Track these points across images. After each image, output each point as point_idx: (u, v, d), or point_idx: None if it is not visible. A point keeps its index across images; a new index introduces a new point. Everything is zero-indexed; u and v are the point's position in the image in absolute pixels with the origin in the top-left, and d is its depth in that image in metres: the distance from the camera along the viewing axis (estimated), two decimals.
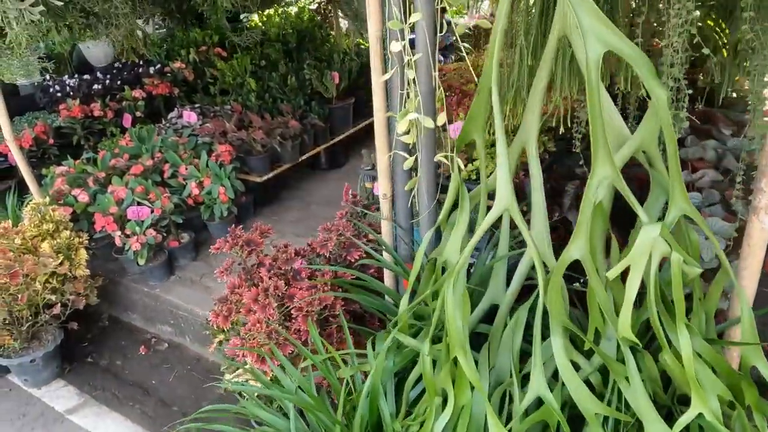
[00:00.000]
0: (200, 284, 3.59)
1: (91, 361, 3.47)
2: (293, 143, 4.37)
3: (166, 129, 4.63)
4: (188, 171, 3.89)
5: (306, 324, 2.00)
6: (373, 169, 3.95)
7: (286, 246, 2.25)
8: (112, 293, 3.76)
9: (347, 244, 2.23)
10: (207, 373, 3.27)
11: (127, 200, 3.66)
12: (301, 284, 2.16)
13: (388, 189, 1.99)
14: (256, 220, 4.29)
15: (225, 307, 2.17)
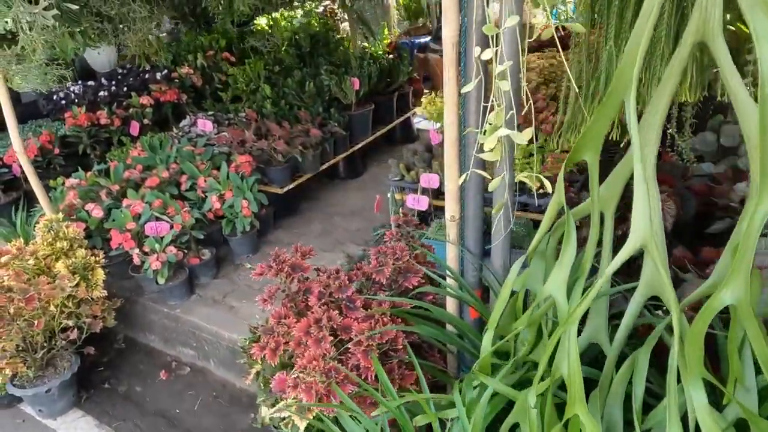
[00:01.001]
0: (224, 304, 3.39)
1: (108, 387, 3.26)
2: (314, 152, 4.17)
3: (179, 138, 4.43)
4: (208, 183, 3.68)
5: (367, 360, 1.80)
6: (402, 180, 3.77)
7: (338, 271, 2.06)
8: (129, 313, 3.54)
9: (404, 269, 2.04)
10: (234, 400, 3.06)
11: (145, 215, 3.46)
12: (355, 314, 1.97)
13: (456, 211, 1.81)
14: (277, 233, 4.10)
15: (272, 339, 1.98)
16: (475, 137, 1.69)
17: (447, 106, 1.67)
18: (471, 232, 1.84)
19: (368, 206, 4.34)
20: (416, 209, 3.37)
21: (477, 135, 1.68)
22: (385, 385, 1.71)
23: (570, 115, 1.82)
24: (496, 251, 1.77)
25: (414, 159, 3.83)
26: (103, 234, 3.59)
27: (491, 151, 1.53)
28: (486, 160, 1.63)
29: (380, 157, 5.33)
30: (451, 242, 1.88)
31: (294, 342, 1.97)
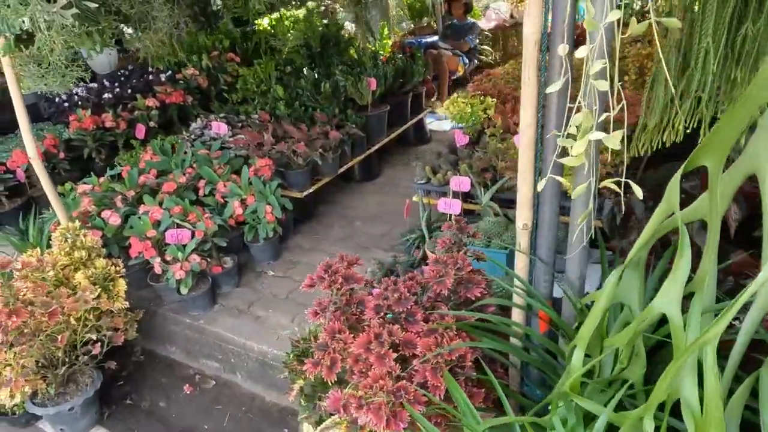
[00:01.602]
0: (249, 314, 3.26)
1: (130, 403, 3.12)
2: (333, 155, 4.06)
3: (192, 141, 4.29)
4: (228, 188, 3.55)
5: (435, 378, 1.69)
6: (428, 183, 3.66)
7: (396, 282, 1.95)
8: (147, 324, 3.40)
9: (465, 279, 1.94)
10: (265, 415, 2.94)
11: (165, 222, 3.32)
12: (416, 327, 1.86)
13: (529, 218, 1.71)
14: (297, 239, 3.97)
15: (327, 356, 1.86)
16: (554, 140, 1.59)
17: (525, 107, 1.57)
18: (544, 240, 1.74)
19: (389, 210, 4.23)
20: (448, 213, 3.27)
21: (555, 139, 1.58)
22: (465, 407, 1.60)
23: (657, 117, 1.72)
24: (573, 261, 1.67)
25: (439, 161, 3.72)
26: (120, 242, 3.44)
27: (575, 156, 1.42)
28: (562, 164, 1.53)
29: (395, 159, 5.23)
30: (521, 251, 1.77)
31: (351, 358, 1.85)
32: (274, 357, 2.95)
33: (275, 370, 2.96)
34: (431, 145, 5.46)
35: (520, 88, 4.21)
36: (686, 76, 1.61)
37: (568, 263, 1.69)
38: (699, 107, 1.62)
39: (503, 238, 2.98)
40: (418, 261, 3.20)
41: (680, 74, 1.64)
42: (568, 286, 1.72)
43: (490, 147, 3.59)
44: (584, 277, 1.71)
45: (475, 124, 3.95)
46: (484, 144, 3.79)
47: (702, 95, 1.58)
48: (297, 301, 3.30)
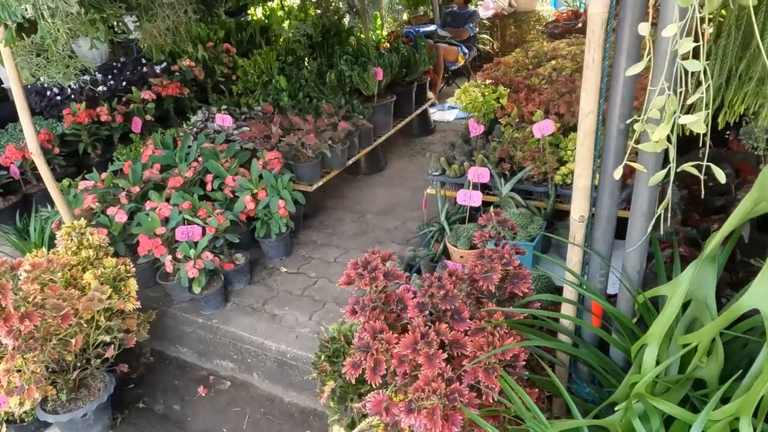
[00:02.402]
0: (264, 312, 3.15)
1: (143, 406, 3.00)
2: (342, 147, 3.95)
3: (195, 134, 4.15)
4: (238, 182, 3.43)
5: (490, 379, 1.61)
6: (443, 175, 3.57)
7: (440, 278, 1.86)
8: (157, 324, 3.28)
9: (511, 274, 1.86)
10: (286, 416, 2.84)
11: (174, 219, 3.20)
12: (462, 326, 1.77)
13: (586, 210, 1.63)
14: (308, 234, 3.87)
15: (370, 357, 1.77)
16: (619, 127, 1.51)
17: (587, 92, 1.48)
18: (601, 233, 1.66)
19: (399, 202, 4.14)
20: (468, 206, 3.19)
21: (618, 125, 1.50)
22: (526, 409, 1.52)
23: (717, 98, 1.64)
24: (633, 254, 1.60)
25: (453, 152, 3.63)
26: (127, 240, 3.32)
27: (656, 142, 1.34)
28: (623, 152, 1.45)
29: (400, 150, 5.13)
30: (576, 244, 1.69)
31: (395, 359, 1.77)
32: (294, 356, 2.85)
33: (295, 370, 2.87)
34: (436, 136, 5.38)
35: (532, 77, 4.12)
36: (747, 56, 1.53)
37: (628, 256, 1.61)
38: (763, 88, 1.54)
39: (528, 231, 2.90)
40: (439, 255, 3.12)
41: (741, 53, 1.56)
42: (626, 280, 1.64)
43: (506, 137, 3.51)
44: (643, 270, 1.64)
45: (487, 113, 3.86)
46: (498, 134, 3.71)
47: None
48: (314, 298, 3.20)
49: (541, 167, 3.22)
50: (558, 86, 3.78)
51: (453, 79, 6.99)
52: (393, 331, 1.90)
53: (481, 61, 7.03)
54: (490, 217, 2.08)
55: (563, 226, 3.07)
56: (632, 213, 1.57)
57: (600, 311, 1.75)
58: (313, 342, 2.86)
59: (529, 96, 3.81)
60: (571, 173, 3.19)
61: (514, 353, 1.66)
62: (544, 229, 2.95)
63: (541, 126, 3.21)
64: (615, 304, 1.74)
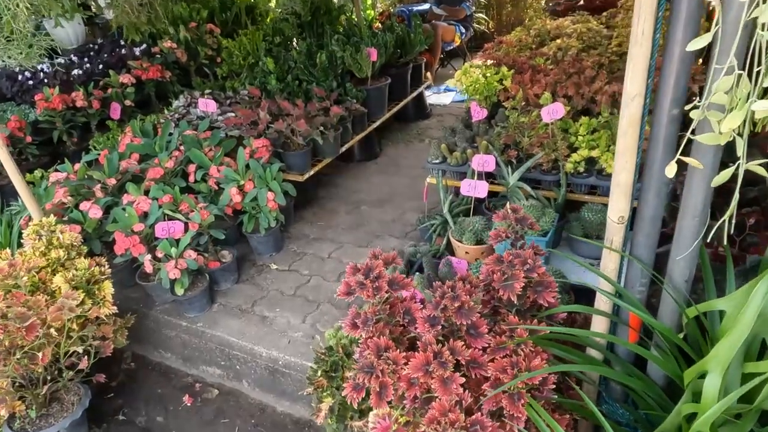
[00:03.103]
0: (254, 314, 2.92)
1: (124, 419, 2.77)
2: (335, 133, 3.69)
3: (176, 121, 3.87)
4: (223, 173, 3.17)
5: (515, 407, 1.39)
6: (443, 163, 3.33)
7: (453, 287, 1.63)
8: (137, 328, 3.03)
9: (535, 281, 1.63)
10: (279, 427, 2.62)
11: (153, 214, 2.94)
12: (480, 342, 1.55)
13: (626, 210, 1.39)
14: (300, 227, 3.62)
15: (375, 380, 1.54)
16: (671, 113, 1.27)
17: (633, 71, 1.24)
18: (644, 237, 1.43)
19: (397, 192, 3.90)
20: (472, 197, 2.95)
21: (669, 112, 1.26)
22: None
23: None
24: (683, 261, 1.37)
25: (455, 138, 3.39)
26: (102, 237, 3.05)
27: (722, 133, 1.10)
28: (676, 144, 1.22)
29: (395, 136, 4.87)
30: (613, 249, 1.46)
31: (404, 382, 1.54)
32: (286, 363, 2.62)
33: (288, 378, 2.64)
34: (432, 121, 5.12)
35: (536, 56, 3.85)
36: None
37: (676, 264, 1.39)
38: None
39: (540, 224, 2.67)
40: (442, 250, 2.89)
41: None
42: (672, 290, 1.42)
43: (511, 121, 3.26)
44: (691, 280, 1.41)
45: (489, 96, 3.61)
46: (502, 118, 3.47)
47: None
48: (307, 298, 2.97)
49: (550, 154, 2.99)
50: (565, 66, 3.53)
51: (448, 61, 6.72)
52: (399, 347, 1.68)
53: (476, 42, 6.76)
54: (506, 214, 1.85)
55: (575, 218, 2.84)
56: (682, 215, 1.34)
57: (638, 325, 1.53)
58: (307, 347, 2.64)
59: (535, 77, 3.56)
60: (584, 161, 2.97)
61: (543, 376, 1.44)
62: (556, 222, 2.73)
63: (550, 109, 2.97)
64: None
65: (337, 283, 3.05)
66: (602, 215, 2.75)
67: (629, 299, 1.48)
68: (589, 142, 3.01)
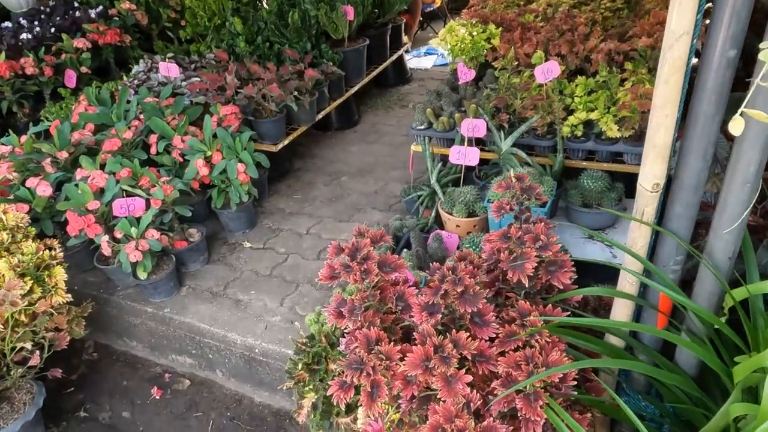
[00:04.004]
0: (226, 297, 2.67)
1: (85, 415, 2.52)
2: (311, 98, 3.40)
3: (136, 87, 3.54)
4: (188, 144, 2.87)
5: (532, 410, 1.18)
6: (429, 129, 3.07)
7: (454, 269, 1.40)
8: (98, 315, 2.77)
9: (548, 260, 1.41)
10: (257, 420, 2.41)
11: (110, 190, 2.64)
12: (486, 331, 1.33)
13: (663, 175, 1.17)
14: (274, 201, 3.36)
15: (366, 378, 1.32)
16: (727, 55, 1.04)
17: (681, 5, 1.00)
18: (682, 207, 1.21)
19: (378, 162, 3.65)
20: (462, 165, 2.72)
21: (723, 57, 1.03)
22: None
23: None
24: (728, 236, 1.16)
25: (440, 102, 3.13)
26: (55, 216, 2.75)
27: None
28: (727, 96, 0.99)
29: (374, 102, 4.59)
30: (644, 222, 1.24)
31: (399, 380, 1.32)
32: (263, 351, 2.39)
33: (266, 367, 2.42)
34: (413, 86, 4.84)
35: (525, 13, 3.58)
36: None
37: (719, 238, 1.17)
38: None
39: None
40: (431, 224, 2.66)
41: None
42: (713, 268, 1.21)
43: (501, 83, 3.02)
44: (735, 257, 1.20)
45: (477, 56, 3.35)
46: (490, 80, 3.22)
47: None
48: (285, 279, 2.73)
49: (546, 117, 2.76)
50: (557, 23, 3.29)
51: (428, 23, 6.40)
52: (391, 337, 1.45)
53: (457, 3, 6.44)
54: (510, 183, 1.62)
55: (574, 186, 2.63)
56: (729, 181, 1.12)
57: (668, 308, 1.32)
58: (286, 333, 2.41)
59: (525, 35, 3.31)
60: (581, 124, 2.75)
61: (564, 374, 1.23)
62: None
63: (544, 69, 2.73)
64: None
65: (317, 261, 2.81)
66: (603, 183, 2.55)
67: (663, 279, 1.26)
68: (586, 104, 2.79)
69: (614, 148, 2.66)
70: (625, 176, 2.65)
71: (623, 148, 2.64)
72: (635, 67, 2.85)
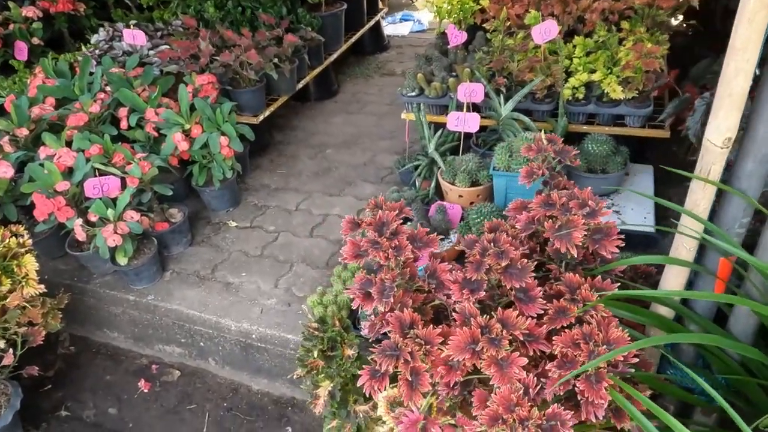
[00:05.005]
0: (215, 281, 2.49)
1: (67, 414, 2.33)
2: (291, 66, 3.19)
3: (99, 57, 3.25)
4: (164, 116, 2.64)
5: (594, 391, 1.08)
6: (421, 95, 2.91)
7: (496, 241, 1.26)
8: (74, 305, 2.55)
9: (593, 229, 1.29)
10: (257, 410, 2.27)
11: (80, 169, 2.41)
12: (531, 308, 1.22)
13: (735, 127, 1.06)
14: (258, 176, 3.17)
15: (405, 366, 1.18)
16: None
17: None
18: (754, 165, 1.11)
19: (364, 133, 3.48)
20: (461, 132, 2.58)
21: None
22: (666, 420, 0.99)
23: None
24: None
25: (431, 67, 2.98)
26: (19, 200, 2.50)
27: None
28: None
29: (352, 71, 4.38)
30: (709, 181, 1.13)
31: (441, 365, 1.19)
32: (261, 337, 2.24)
33: (264, 353, 2.27)
34: (392, 53, 4.65)
35: None
36: None
37: None
38: None
39: None
40: (431, 195, 2.53)
41: None
42: None
43: (495, 45, 2.87)
44: None
45: (465, 18, 3.20)
46: (480, 43, 3.07)
47: None
48: (277, 258, 2.56)
49: (546, 80, 2.64)
50: None
51: None
52: (423, 317, 1.32)
53: None
54: (540, 146, 1.48)
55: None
56: None
57: (727, 274, 1.23)
58: (284, 317, 2.26)
59: None
60: (583, 86, 2.64)
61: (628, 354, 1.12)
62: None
63: (541, 29, 2.61)
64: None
65: (310, 238, 2.65)
66: (608, 146, 2.44)
67: (729, 242, 1.16)
68: (586, 65, 2.67)
69: (617, 111, 2.56)
70: (626, 140, 2.56)
71: (626, 110, 2.54)
72: (632, 26, 2.74)
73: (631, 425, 1.17)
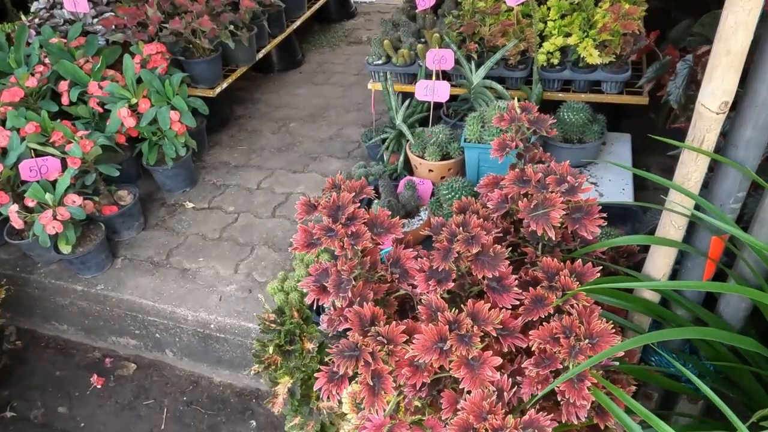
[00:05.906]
0: (170, 267, 2.32)
1: (13, 415, 2.17)
2: (249, 34, 2.98)
3: (37, 27, 2.99)
4: (108, 90, 2.43)
5: (576, 392, 0.96)
6: (388, 64, 2.74)
7: (464, 224, 1.12)
8: (17, 297, 2.37)
9: (573, 207, 1.16)
10: (218, 403, 2.13)
11: (15, 149, 2.20)
12: (505, 298, 1.09)
13: (733, 90, 0.92)
14: (216, 153, 2.97)
15: (365, 368, 1.05)
16: None
17: None
18: (753, 132, 0.98)
19: (330, 105, 3.30)
20: (430, 102, 2.42)
21: None
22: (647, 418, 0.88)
23: None
24: None
25: (398, 33, 2.80)
26: None
27: None
28: None
29: (317, 39, 4.16)
30: (702, 151, 1.00)
31: (405, 367, 1.06)
32: (220, 326, 2.09)
33: (224, 343, 2.12)
34: (359, 20, 4.43)
35: None
36: None
37: None
38: None
39: None
40: (400, 170, 2.38)
41: None
42: None
43: (466, 8, 2.70)
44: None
45: None
46: (450, 7, 2.89)
47: None
48: (237, 242, 2.40)
49: (519, 45, 2.48)
50: None
51: None
52: (386, 311, 1.19)
53: None
54: (513, 115, 1.34)
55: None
56: None
57: (719, 253, 1.11)
58: (245, 304, 2.11)
59: None
60: (558, 50, 2.49)
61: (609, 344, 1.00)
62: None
63: None
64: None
65: (272, 219, 2.49)
66: (585, 115, 2.31)
67: (724, 220, 1.04)
68: (561, 29, 2.53)
69: (593, 77, 2.43)
70: (601, 108, 2.44)
71: (603, 75, 2.41)
72: None
73: (615, 423, 1.07)
